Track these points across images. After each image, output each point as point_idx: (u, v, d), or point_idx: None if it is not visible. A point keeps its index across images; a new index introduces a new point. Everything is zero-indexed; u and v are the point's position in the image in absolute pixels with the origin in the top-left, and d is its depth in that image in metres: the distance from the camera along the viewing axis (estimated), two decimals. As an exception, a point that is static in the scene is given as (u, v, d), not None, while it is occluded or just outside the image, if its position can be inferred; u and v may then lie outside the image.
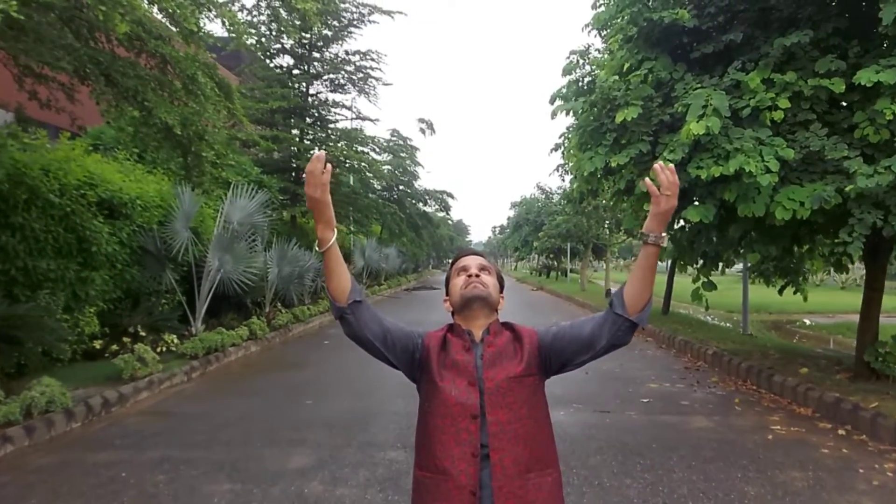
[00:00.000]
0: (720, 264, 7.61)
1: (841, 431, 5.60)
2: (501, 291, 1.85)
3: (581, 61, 9.80)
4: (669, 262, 11.90)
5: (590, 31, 8.85)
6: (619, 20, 7.29)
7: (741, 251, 7.12)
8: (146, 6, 3.45)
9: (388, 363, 1.79)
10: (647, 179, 1.63)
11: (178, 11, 3.93)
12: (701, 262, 7.43)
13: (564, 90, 8.86)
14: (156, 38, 5.37)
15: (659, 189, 1.57)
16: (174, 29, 5.97)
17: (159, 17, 5.52)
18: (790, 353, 8.86)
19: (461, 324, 1.76)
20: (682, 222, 7.71)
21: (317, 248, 1.66)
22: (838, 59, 5.87)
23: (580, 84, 8.90)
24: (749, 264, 9.85)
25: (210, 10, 4.38)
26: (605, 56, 8.98)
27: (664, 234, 1.62)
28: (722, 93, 5.85)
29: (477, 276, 1.77)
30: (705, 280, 7.37)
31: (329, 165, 1.57)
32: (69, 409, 5.88)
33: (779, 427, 5.75)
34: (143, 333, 8.64)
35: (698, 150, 5.97)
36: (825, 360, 8.29)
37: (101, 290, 8.19)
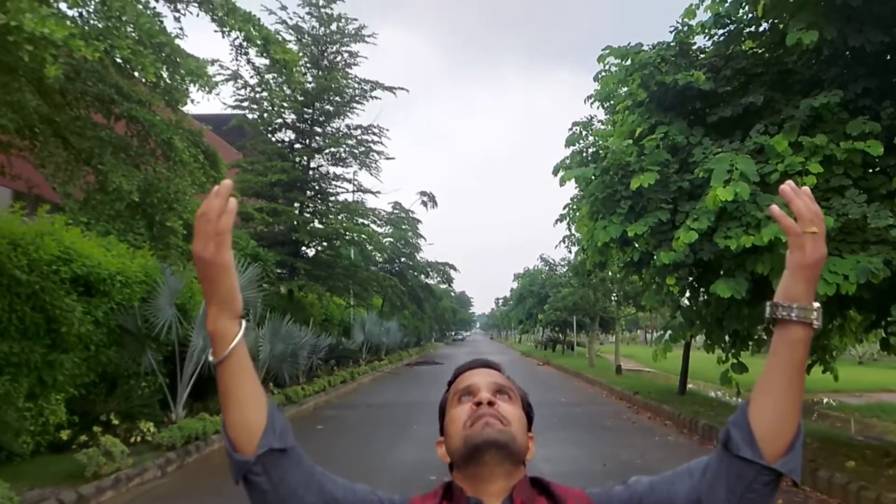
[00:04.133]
0: (750, 343, 6.93)
1: (911, 543, 4.77)
2: (530, 427, 1.11)
3: (584, 132, 9.58)
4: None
5: (592, 103, 8.64)
6: (628, 85, 6.97)
7: (773, 329, 6.47)
8: (85, 49, 3.03)
9: None
10: (774, 207, 0.97)
11: (134, 59, 3.51)
12: (730, 340, 6.76)
13: (568, 161, 8.58)
14: (133, 102, 4.98)
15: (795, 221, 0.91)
16: (162, 98, 5.63)
17: (141, 81, 5.17)
18: (829, 442, 8.02)
19: (465, 487, 1.02)
20: (704, 295, 7.12)
21: (210, 358, 0.95)
22: (870, 120, 5.45)
23: (584, 155, 8.65)
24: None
25: (176, 62, 3.98)
26: (609, 127, 8.73)
27: (816, 305, 0.92)
28: (747, 157, 5.39)
29: (490, 403, 1.04)
30: (735, 361, 6.66)
31: (233, 202, 0.92)
32: (15, 517, 5.10)
33: (837, 537, 4.91)
34: (115, 422, 7.88)
35: (724, 218, 5.45)
36: (870, 450, 7.46)
37: (72, 375, 7.49)
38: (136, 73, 4.59)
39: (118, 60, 4.22)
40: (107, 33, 3.38)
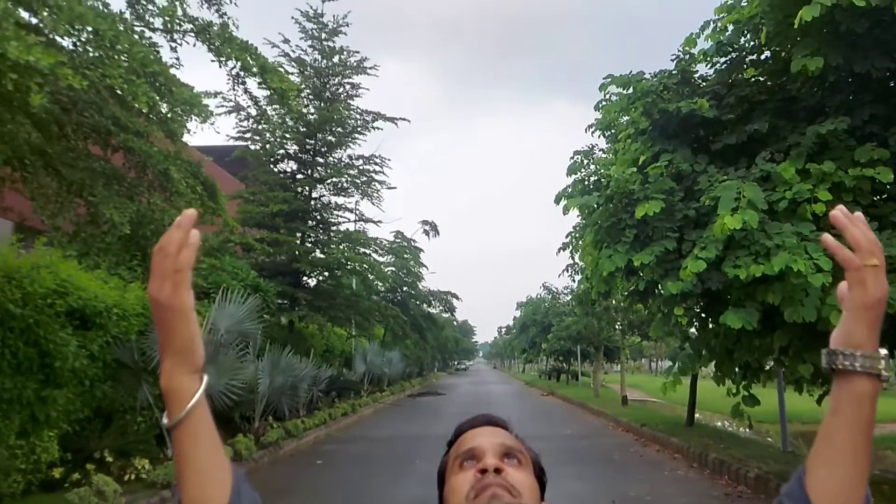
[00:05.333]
0: (761, 375, 6.74)
1: (939, 587, 4.53)
2: (543, 495, 0.97)
3: (585, 161, 9.57)
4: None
5: (593, 132, 8.63)
6: (630, 113, 6.92)
7: (785, 361, 6.28)
8: (73, 78, 2.95)
9: None
10: (827, 237, 0.84)
11: (126, 88, 3.44)
12: (740, 372, 6.57)
13: (570, 189, 8.52)
14: (130, 133, 4.92)
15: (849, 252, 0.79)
16: (161, 129, 5.59)
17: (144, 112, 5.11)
18: (844, 476, 7.76)
19: None
20: (711, 324, 6.96)
21: (164, 421, 0.81)
22: (879, 147, 5.37)
23: (586, 183, 8.60)
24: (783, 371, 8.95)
25: (171, 91, 3.91)
26: (610, 156, 8.70)
27: (884, 352, 0.79)
28: (754, 184, 5.30)
29: (497, 470, 0.90)
30: (746, 394, 6.47)
31: (195, 235, 0.79)
32: (0, 563, 4.90)
33: (861, 581, 4.67)
34: (109, 459, 7.67)
35: (733, 247, 5.33)
36: (887, 485, 7.21)
37: (65, 411, 7.31)
38: (137, 105, 4.55)
39: (118, 92, 4.18)
40: (97, 62, 3.32)
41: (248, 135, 17.66)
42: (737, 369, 6.53)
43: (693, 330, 7.12)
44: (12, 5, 2.95)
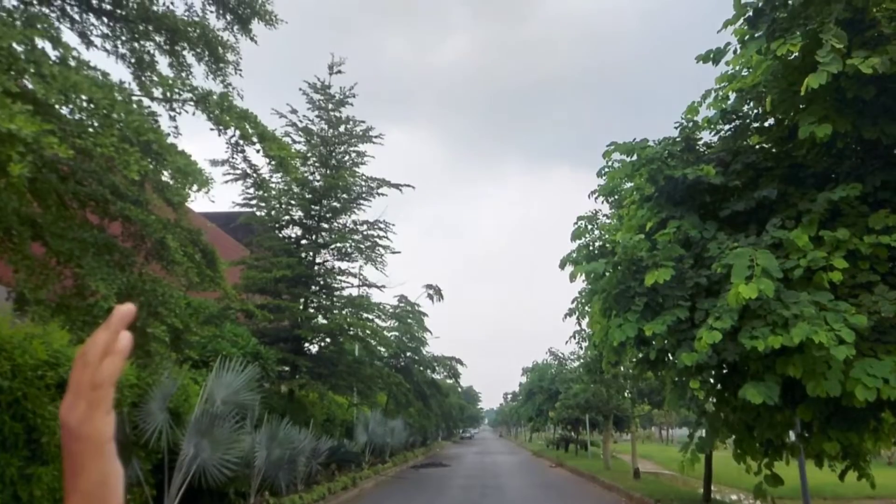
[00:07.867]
0: (783, 452, 6.37)
1: None
2: None
3: (590, 226, 9.52)
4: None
5: (597, 198, 8.60)
6: (635, 179, 6.87)
7: (808, 437, 5.93)
8: (58, 147, 2.87)
9: None
10: None
11: (118, 156, 3.35)
12: (761, 448, 6.20)
13: (575, 255, 8.43)
14: (128, 202, 4.83)
15: None
16: (161, 197, 5.53)
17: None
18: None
19: None
20: (726, 394, 6.64)
21: None
22: (892, 213, 5.24)
23: (591, 248, 8.52)
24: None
25: (165, 160, 3.83)
26: (615, 221, 8.65)
27: None
28: (767, 251, 5.14)
29: None
30: (768, 473, 6.09)
31: (125, 338, 0.63)
32: None
33: None
34: (93, 542, 7.23)
35: (748, 316, 5.12)
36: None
37: (51, 489, 6.94)
38: (128, 174, 4.46)
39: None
40: (87, 130, 3.25)
41: (253, 201, 17.79)
42: (758, 446, 6.17)
43: (710, 404, 6.80)
44: (2, 74, 2.91)
